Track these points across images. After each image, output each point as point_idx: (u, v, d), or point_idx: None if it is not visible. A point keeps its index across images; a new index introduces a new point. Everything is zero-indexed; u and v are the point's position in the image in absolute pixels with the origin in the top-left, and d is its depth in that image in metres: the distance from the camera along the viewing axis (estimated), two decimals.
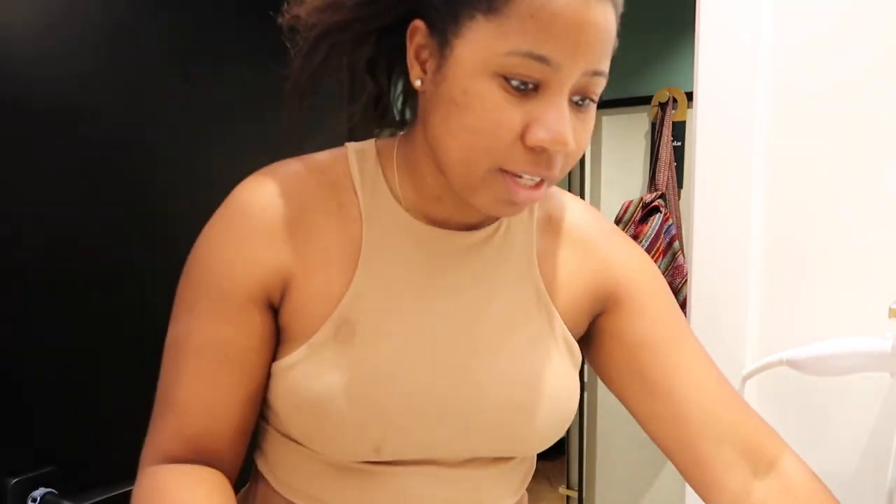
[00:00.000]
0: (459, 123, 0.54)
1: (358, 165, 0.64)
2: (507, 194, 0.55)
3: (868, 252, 0.90)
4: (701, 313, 1.01)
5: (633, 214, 2.11)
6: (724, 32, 0.96)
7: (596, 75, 0.54)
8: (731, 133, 0.97)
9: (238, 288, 0.60)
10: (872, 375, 0.89)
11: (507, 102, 0.52)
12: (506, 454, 0.65)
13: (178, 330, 0.62)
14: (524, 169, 0.54)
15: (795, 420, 0.96)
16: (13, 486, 0.76)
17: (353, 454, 0.61)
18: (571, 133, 0.53)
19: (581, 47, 0.52)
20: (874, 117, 0.89)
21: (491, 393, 0.62)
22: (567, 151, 0.54)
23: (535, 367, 0.64)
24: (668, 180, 2.16)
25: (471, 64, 0.53)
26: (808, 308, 0.94)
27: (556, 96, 0.53)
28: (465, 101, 0.53)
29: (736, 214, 0.97)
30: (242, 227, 0.60)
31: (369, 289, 0.61)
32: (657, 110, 2.21)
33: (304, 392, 0.60)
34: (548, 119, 0.52)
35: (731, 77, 0.96)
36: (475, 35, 0.52)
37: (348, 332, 0.60)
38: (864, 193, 0.90)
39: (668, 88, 2.20)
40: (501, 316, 0.64)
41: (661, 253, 2.12)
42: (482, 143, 0.53)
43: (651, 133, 2.28)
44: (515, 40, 0.51)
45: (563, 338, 0.66)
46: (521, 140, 0.53)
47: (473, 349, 0.62)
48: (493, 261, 0.65)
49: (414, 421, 0.60)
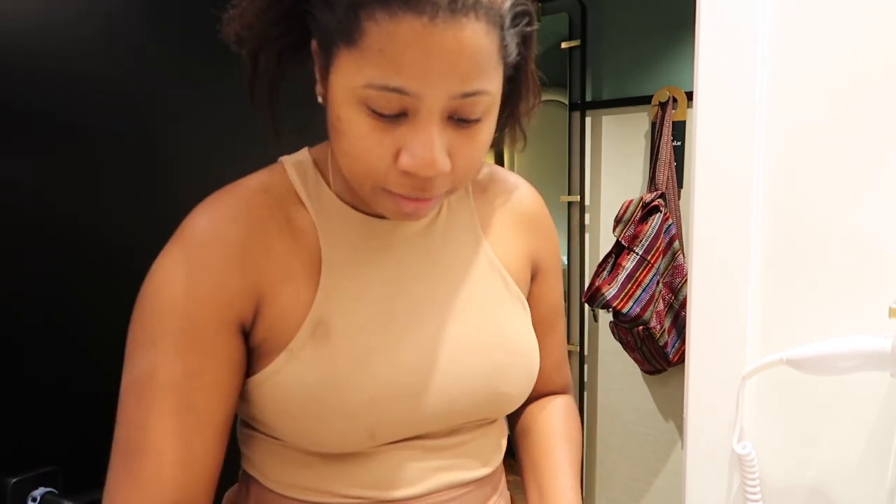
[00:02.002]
0: (339, 147, 0.57)
1: (299, 178, 0.66)
2: (396, 207, 0.58)
3: (868, 251, 0.90)
4: (701, 313, 1.01)
5: (633, 214, 2.11)
6: (724, 32, 0.96)
7: (469, 96, 0.53)
8: (731, 133, 0.97)
9: (208, 315, 0.59)
10: (872, 375, 0.89)
11: (375, 130, 0.54)
12: (487, 416, 0.70)
13: (140, 369, 0.59)
14: (403, 191, 0.56)
15: (795, 419, 0.96)
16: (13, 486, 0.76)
17: (350, 444, 0.62)
18: (442, 156, 0.54)
19: (435, 75, 0.51)
20: (875, 116, 0.89)
21: (468, 360, 0.66)
22: (440, 173, 0.55)
23: (502, 329, 0.69)
24: (668, 180, 2.16)
25: (340, 93, 0.54)
26: (808, 307, 0.94)
27: (423, 122, 0.53)
28: (340, 127, 0.55)
29: (736, 214, 0.97)
30: (203, 255, 0.60)
31: (337, 288, 0.63)
32: (657, 110, 2.21)
33: (291, 395, 0.61)
34: (413, 146, 0.53)
35: (731, 77, 0.96)
36: (341, 66, 0.53)
37: (323, 331, 0.62)
38: (864, 192, 0.90)
39: (668, 88, 2.20)
40: (462, 287, 0.68)
41: (661, 252, 2.11)
42: (359, 167, 0.56)
43: (651, 132, 2.28)
44: (370, 73, 0.51)
45: (517, 297, 0.72)
46: (396, 163, 0.55)
47: (443, 323, 0.66)
48: (443, 240, 0.69)
49: (402, 401, 0.63)
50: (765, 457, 0.98)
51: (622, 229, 2.13)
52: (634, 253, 2.09)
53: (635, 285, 2.09)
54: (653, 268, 2.09)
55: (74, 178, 0.84)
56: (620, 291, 2.07)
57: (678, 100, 2.17)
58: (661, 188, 2.14)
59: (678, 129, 2.19)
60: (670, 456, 2.37)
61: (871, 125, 0.89)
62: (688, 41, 2.12)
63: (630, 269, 2.09)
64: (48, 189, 0.82)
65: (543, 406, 0.83)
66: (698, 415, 1.03)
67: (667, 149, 2.16)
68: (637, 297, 2.08)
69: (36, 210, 0.81)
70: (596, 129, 2.43)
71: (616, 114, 2.38)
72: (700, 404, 1.02)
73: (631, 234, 2.11)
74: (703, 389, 1.02)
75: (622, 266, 2.09)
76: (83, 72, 0.84)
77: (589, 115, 2.43)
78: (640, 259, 2.09)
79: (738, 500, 1.00)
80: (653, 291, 2.09)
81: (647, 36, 2.27)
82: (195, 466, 0.59)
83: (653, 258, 2.09)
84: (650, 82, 2.27)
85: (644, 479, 2.44)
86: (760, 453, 0.98)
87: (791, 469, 0.96)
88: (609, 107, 2.38)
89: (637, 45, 2.30)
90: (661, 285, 2.13)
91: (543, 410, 0.82)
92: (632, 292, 2.08)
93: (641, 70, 2.30)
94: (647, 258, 2.09)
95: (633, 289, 2.08)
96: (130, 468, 0.58)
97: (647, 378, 2.38)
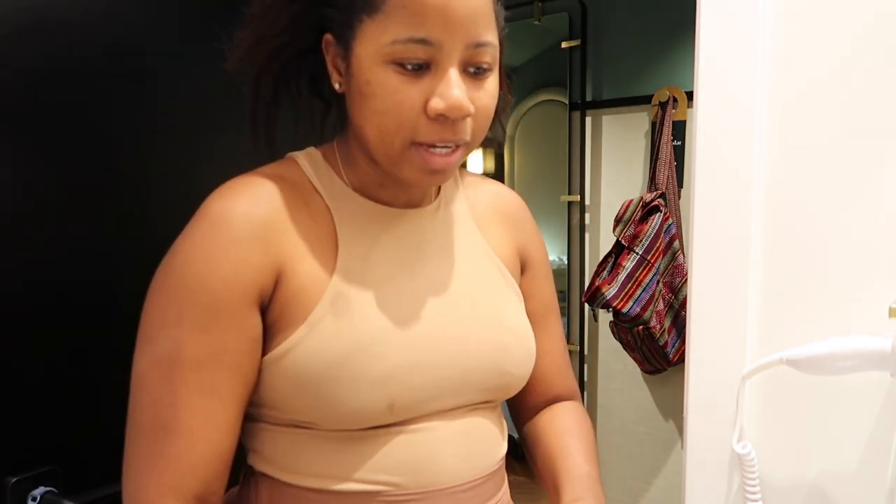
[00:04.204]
0: (370, 109, 0.62)
1: (311, 168, 0.71)
2: (425, 164, 0.63)
3: (868, 251, 0.90)
4: (701, 312, 1.01)
5: (633, 213, 2.11)
6: (724, 32, 0.96)
7: (480, 46, 0.61)
8: (732, 132, 0.97)
9: (232, 292, 0.62)
10: (872, 375, 0.89)
11: (403, 84, 0.61)
12: (497, 395, 0.74)
13: (163, 348, 0.61)
14: (433, 138, 0.62)
15: (795, 419, 0.96)
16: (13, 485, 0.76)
17: (369, 417, 0.64)
18: (466, 99, 0.61)
19: (453, 24, 0.59)
20: (875, 116, 0.89)
21: (477, 337, 0.71)
22: (466, 115, 0.62)
23: (504, 311, 0.75)
24: (668, 179, 2.16)
25: (367, 58, 0.61)
26: (808, 307, 0.94)
27: (446, 70, 0.61)
28: (369, 90, 0.62)
29: (736, 214, 0.97)
30: (226, 233, 0.62)
31: (354, 265, 0.67)
32: (657, 109, 2.21)
33: (311, 368, 0.63)
34: (441, 90, 0.60)
35: (732, 76, 0.96)
36: (365, 34, 0.61)
37: (343, 304, 0.65)
38: (865, 192, 0.90)
39: (668, 88, 2.20)
40: (465, 272, 0.73)
41: (661, 252, 2.12)
42: (391, 122, 0.62)
43: (651, 132, 2.28)
44: (395, 30, 0.59)
45: (511, 285, 0.78)
46: (425, 113, 0.61)
47: (452, 302, 0.71)
48: (444, 230, 0.75)
49: (420, 372, 0.66)
50: (765, 456, 0.98)
51: (622, 229, 2.13)
52: (634, 252, 2.09)
53: (635, 285, 2.09)
54: (653, 267, 2.10)
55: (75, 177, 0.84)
56: (620, 291, 2.07)
57: (678, 99, 2.17)
58: (661, 188, 2.14)
59: (678, 128, 2.19)
60: (670, 456, 2.37)
61: (871, 124, 0.89)
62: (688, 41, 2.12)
63: (630, 268, 2.09)
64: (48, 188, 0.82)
65: (552, 412, 0.84)
66: (698, 414, 1.03)
67: (667, 148, 2.16)
68: (637, 297, 2.08)
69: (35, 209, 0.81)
70: (596, 128, 2.43)
71: (616, 113, 2.38)
72: (700, 404, 1.02)
73: (631, 234, 2.11)
74: (703, 389, 1.02)
75: (622, 266, 2.09)
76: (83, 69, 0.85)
77: (589, 114, 2.43)
78: (640, 259, 2.09)
79: (738, 500, 1.00)
80: (653, 291, 2.09)
81: (647, 36, 2.28)
82: (222, 445, 0.62)
83: (653, 258, 2.09)
84: (650, 82, 2.27)
85: (644, 478, 2.44)
86: (760, 453, 0.98)
87: (791, 469, 0.96)
88: (609, 106, 2.38)
89: (637, 45, 2.30)
90: (661, 285, 2.13)
91: (552, 415, 0.83)
92: (632, 292, 2.08)
93: (641, 70, 2.30)
94: (647, 258, 2.09)
95: (633, 288, 2.08)
96: (160, 448, 0.60)
97: (647, 378, 2.38)
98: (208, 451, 0.61)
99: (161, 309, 0.62)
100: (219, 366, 0.61)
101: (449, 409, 0.70)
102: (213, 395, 0.61)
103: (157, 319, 0.62)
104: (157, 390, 0.61)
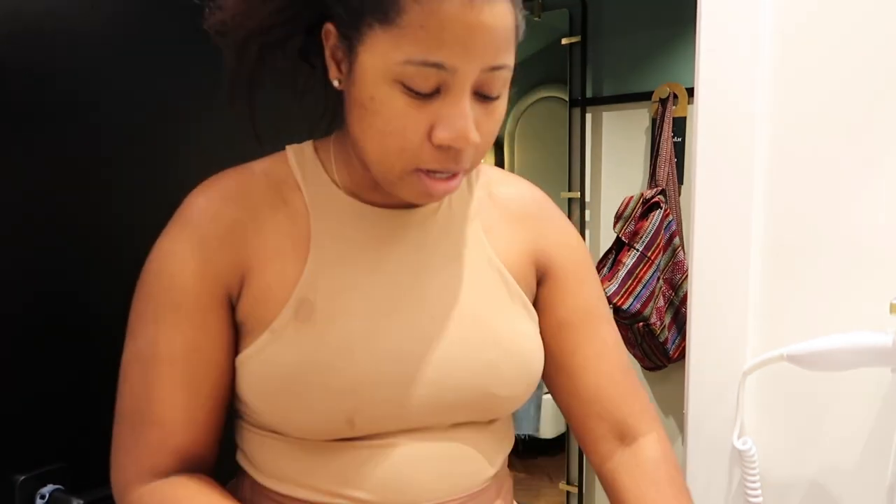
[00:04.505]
0: (371, 127, 0.58)
1: (297, 163, 0.68)
2: (424, 189, 0.59)
3: (868, 247, 0.90)
4: (701, 309, 1.01)
5: (634, 210, 2.11)
6: (724, 28, 0.97)
7: (495, 70, 0.56)
8: (732, 129, 0.97)
9: (201, 290, 0.63)
10: (873, 370, 0.90)
11: (410, 107, 0.56)
12: (481, 416, 0.68)
13: (142, 342, 0.63)
14: (435, 166, 0.58)
15: (796, 415, 0.96)
16: (21, 483, 0.76)
17: (327, 430, 0.63)
18: (474, 129, 0.57)
19: (473, 49, 0.54)
20: (874, 112, 0.89)
21: (457, 355, 0.65)
22: (472, 145, 0.57)
23: (497, 327, 0.67)
24: (668, 176, 2.16)
25: (373, 72, 0.56)
26: (809, 303, 0.94)
27: (457, 96, 0.56)
28: (372, 107, 0.57)
29: (736, 210, 0.97)
30: (195, 233, 0.63)
31: (324, 269, 0.64)
32: (658, 106, 2.21)
33: (270, 375, 0.62)
34: (450, 119, 0.56)
35: (732, 73, 0.96)
36: (374, 44, 0.55)
37: (307, 311, 0.63)
38: (865, 188, 0.90)
39: (668, 84, 2.20)
40: (456, 283, 0.67)
41: (662, 249, 2.12)
42: (393, 145, 0.57)
43: (651, 129, 2.28)
44: (409, 50, 0.54)
45: (519, 299, 0.70)
46: (429, 139, 0.57)
47: (434, 316, 0.65)
48: (440, 234, 0.69)
49: (383, 389, 0.62)
50: (765, 452, 0.99)
51: (622, 226, 2.13)
52: (635, 249, 2.09)
53: (635, 282, 2.09)
54: (653, 264, 2.10)
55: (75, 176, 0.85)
56: (621, 288, 2.08)
57: (679, 96, 2.17)
58: (661, 184, 2.14)
59: (678, 125, 2.19)
60: None
61: (871, 121, 0.89)
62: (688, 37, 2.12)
63: (630, 265, 2.09)
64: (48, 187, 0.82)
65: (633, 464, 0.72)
66: (699, 411, 1.03)
67: (667, 145, 2.16)
68: (637, 294, 2.08)
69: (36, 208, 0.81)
70: (596, 125, 2.43)
71: (616, 110, 2.38)
72: (700, 400, 1.03)
73: (631, 231, 2.11)
74: (704, 386, 1.02)
75: (622, 262, 2.10)
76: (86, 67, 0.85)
77: (589, 111, 2.43)
78: (640, 255, 2.09)
79: (739, 496, 1.00)
80: (653, 288, 2.10)
81: (647, 32, 2.27)
82: (198, 435, 0.64)
83: (653, 254, 2.09)
84: (651, 78, 2.27)
85: None
86: (761, 449, 0.99)
87: (791, 465, 0.97)
88: (609, 103, 2.38)
89: (637, 42, 2.30)
90: (661, 282, 2.14)
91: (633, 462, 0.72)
92: (632, 289, 2.08)
93: (642, 66, 2.30)
94: (647, 254, 2.09)
95: (633, 285, 2.09)
96: (137, 437, 0.63)
97: (648, 374, 2.39)
98: (186, 441, 0.63)
99: (141, 304, 0.65)
100: (193, 361, 0.63)
101: (422, 428, 0.65)
102: (188, 389, 0.63)
103: (138, 315, 0.64)
104: (137, 383, 0.63)
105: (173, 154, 0.95)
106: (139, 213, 0.92)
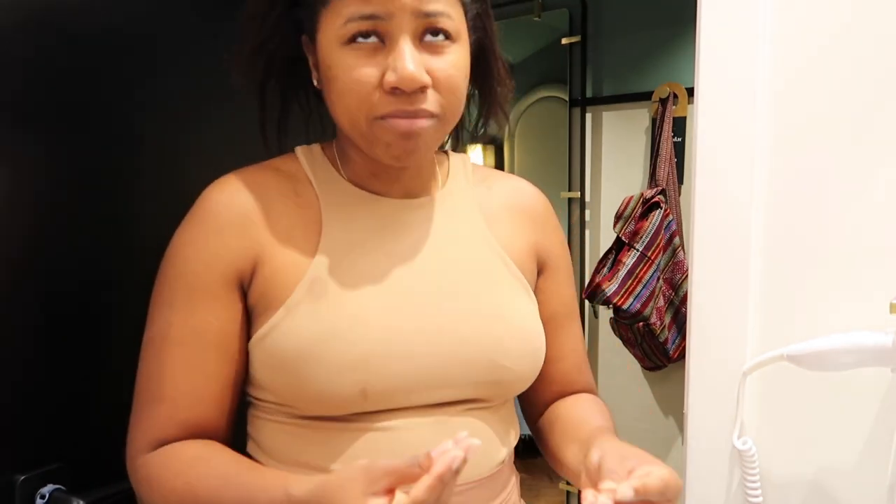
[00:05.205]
0: (335, 92, 0.65)
1: (307, 160, 0.74)
2: (392, 131, 0.64)
3: (869, 247, 0.90)
4: (701, 309, 1.02)
5: (634, 210, 2.11)
6: (725, 28, 0.97)
7: (430, 15, 0.63)
8: (732, 129, 0.97)
9: (213, 274, 0.67)
10: (873, 371, 0.90)
11: (359, 61, 0.63)
12: (487, 391, 0.71)
13: (157, 325, 0.68)
14: (392, 111, 0.63)
15: (796, 415, 0.96)
16: (21, 483, 0.76)
17: (341, 401, 0.65)
18: (421, 70, 0.62)
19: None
20: (875, 112, 0.89)
21: (465, 329, 0.69)
22: (421, 86, 0.62)
23: (500, 304, 0.73)
24: (668, 176, 2.16)
25: (327, 45, 0.64)
26: (809, 303, 0.95)
27: (398, 42, 0.62)
28: (331, 74, 0.65)
29: (736, 210, 0.97)
30: (211, 223, 0.68)
31: (335, 251, 0.69)
32: (658, 106, 2.21)
33: (286, 348, 0.65)
34: (393, 63, 0.62)
35: (732, 73, 0.96)
36: (324, 23, 0.64)
37: (321, 288, 0.67)
38: (865, 188, 0.90)
39: (668, 84, 2.20)
40: (461, 265, 0.73)
41: (662, 248, 2.12)
42: (352, 100, 0.64)
43: (651, 129, 2.28)
44: (346, 11, 0.62)
45: (518, 279, 0.76)
46: (381, 88, 0.63)
47: (440, 295, 0.70)
48: (443, 221, 0.74)
49: (395, 361, 0.66)
50: (765, 453, 0.99)
51: (622, 225, 2.13)
52: (635, 249, 2.09)
53: (636, 282, 2.09)
54: (653, 264, 2.10)
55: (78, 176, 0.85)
56: (621, 288, 2.08)
57: (679, 96, 2.17)
58: (661, 184, 2.14)
59: (678, 125, 2.19)
60: (671, 452, 2.38)
61: (871, 121, 0.89)
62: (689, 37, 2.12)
63: (630, 265, 2.09)
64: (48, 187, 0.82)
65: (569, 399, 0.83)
66: (699, 411, 1.03)
67: (667, 145, 2.16)
68: (637, 294, 2.08)
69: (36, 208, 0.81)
70: (596, 125, 2.43)
71: (616, 110, 2.38)
72: (700, 400, 1.03)
73: (631, 231, 2.11)
74: (704, 385, 1.02)
75: (622, 262, 2.10)
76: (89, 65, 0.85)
77: (589, 111, 2.43)
78: (640, 255, 2.09)
79: (739, 496, 1.00)
80: (653, 288, 2.10)
81: (647, 32, 2.28)
82: (207, 411, 0.68)
83: (653, 254, 2.09)
84: (651, 78, 2.27)
85: None
86: (761, 449, 0.99)
87: (791, 465, 0.97)
88: (609, 103, 2.38)
89: (637, 41, 2.30)
90: (661, 281, 2.14)
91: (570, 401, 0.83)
92: (632, 289, 2.09)
93: (642, 66, 2.30)
94: (647, 254, 2.09)
95: (633, 285, 2.09)
96: (149, 413, 0.68)
97: (648, 374, 2.39)
98: (193, 415, 0.67)
99: (158, 290, 0.69)
100: (203, 344, 0.67)
101: (434, 405, 0.68)
102: (197, 371, 0.67)
103: (156, 300, 0.69)
104: (151, 364, 0.68)
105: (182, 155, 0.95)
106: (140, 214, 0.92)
